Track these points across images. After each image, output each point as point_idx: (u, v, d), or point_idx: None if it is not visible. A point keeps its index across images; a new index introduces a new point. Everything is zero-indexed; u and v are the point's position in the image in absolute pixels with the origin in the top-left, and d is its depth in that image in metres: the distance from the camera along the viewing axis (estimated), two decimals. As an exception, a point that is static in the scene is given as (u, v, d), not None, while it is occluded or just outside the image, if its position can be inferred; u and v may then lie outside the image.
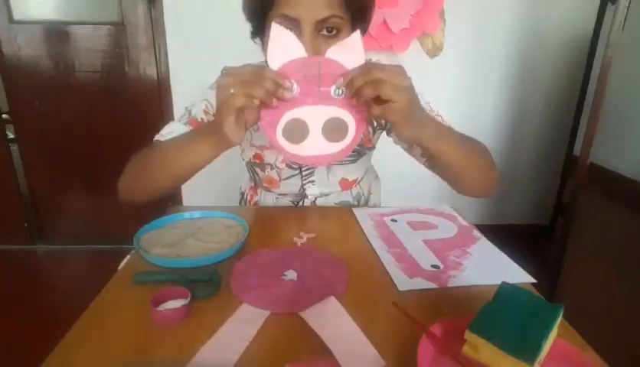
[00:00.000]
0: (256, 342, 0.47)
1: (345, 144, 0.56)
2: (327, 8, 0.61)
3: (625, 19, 1.42)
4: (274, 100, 0.52)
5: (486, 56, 1.95)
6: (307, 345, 0.46)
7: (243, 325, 0.49)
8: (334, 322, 0.49)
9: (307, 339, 0.47)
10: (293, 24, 0.62)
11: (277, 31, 0.53)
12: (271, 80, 0.50)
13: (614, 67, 1.45)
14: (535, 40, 1.95)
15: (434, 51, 1.82)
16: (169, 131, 0.77)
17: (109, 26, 1.83)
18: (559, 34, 1.95)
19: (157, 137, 0.78)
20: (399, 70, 0.51)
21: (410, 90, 0.51)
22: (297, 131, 0.54)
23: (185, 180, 0.70)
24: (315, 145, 0.55)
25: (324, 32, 0.63)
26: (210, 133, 0.59)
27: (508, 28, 1.92)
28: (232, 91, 0.50)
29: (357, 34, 0.54)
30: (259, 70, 0.51)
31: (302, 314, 0.51)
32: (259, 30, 0.68)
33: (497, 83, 2.01)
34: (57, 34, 1.83)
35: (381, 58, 1.81)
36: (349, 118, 0.55)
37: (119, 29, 1.84)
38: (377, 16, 1.67)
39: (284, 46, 0.53)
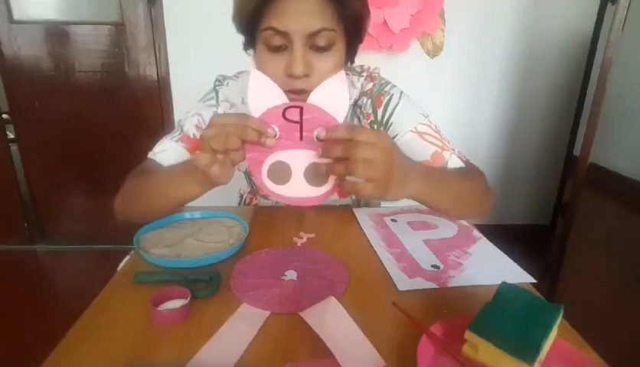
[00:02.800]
0: (256, 342, 0.47)
1: (325, 190, 0.57)
2: (318, 20, 0.59)
3: (625, 19, 1.42)
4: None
5: (486, 56, 1.95)
6: (307, 346, 0.46)
7: (243, 325, 0.49)
8: (334, 322, 0.49)
9: (307, 339, 0.47)
10: (283, 37, 0.60)
11: (257, 78, 0.54)
12: (253, 130, 0.51)
13: (614, 67, 1.45)
14: (535, 40, 1.95)
15: (434, 51, 1.82)
16: (162, 149, 0.76)
17: (109, 26, 1.84)
18: (559, 34, 1.95)
19: (150, 154, 0.76)
20: (379, 134, 0.50)
21: (391, 151, 0.50)
22: (281, 173, 0.56)
23: (175, 210, 0.71)
24: (298, 188, 0.56)
25: (317, 45, 0.61)
26: (198, 170, 0.58)
27: (508, 28, 1.92)
28: (214, 146, 0.51)
29: (342, 73, 0.54)
30: (243, 120, 0.51)
31: (302, 314, 0.51)
32: (251, 42, 0.67)
33: (497, 83, 2.01)
34: (57, 34, 1.83)
35: (381, 58, 1.82)
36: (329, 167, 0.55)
37: (119, 29, 1.84)
38: (377, 16, 1.67)
39: (264, 92, 0.54)
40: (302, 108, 0.54)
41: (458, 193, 0.67)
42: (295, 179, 0.56)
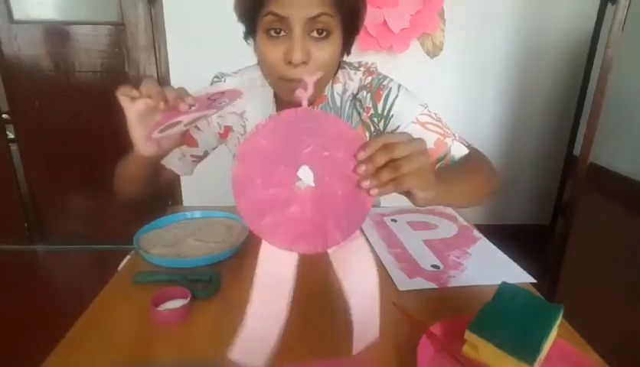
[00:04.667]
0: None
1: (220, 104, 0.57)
2: (317, 5, 0.60)
3: (625, 19, 1.42)
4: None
5: (486, 55, 1.95)
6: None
7: (275, 269, 0.43)
8: (357, 267, 0.44)
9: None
10: (283, 23, 0.61)
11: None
12: (175, 93, 0.54)
13: (614, 67, 1.45)
14: (535, 40, 1.95)
15: (434, 51, 1.82)
16: None
17: (109, 26, 1.83)
18: (559, 34, 1.95)
19: None
20: (418, 143, 0.46)
21: (426, 153, 0.47)
22: (172, 127, 0.57)
23: (145, 187, 0.74)
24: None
25: (315, 34, 0.63)
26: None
27: (508, 28, 1.92)
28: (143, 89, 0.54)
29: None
30: (164, 88, 0.55)
31: (330, 252, 0.43)
32: (251, 30, 0.68)
33: (497, 83, 2.01)
34: (57, 34, 1.83)
35: (381, 58, 1.81)
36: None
37: (119, 29, 1.84)
38: (377, 16, 1.67)
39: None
40: (224, 92, 0.56)
41: (470, 187, 0.66)
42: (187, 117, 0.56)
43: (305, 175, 0.44)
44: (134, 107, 0.55)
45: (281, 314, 0.41)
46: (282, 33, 0.62)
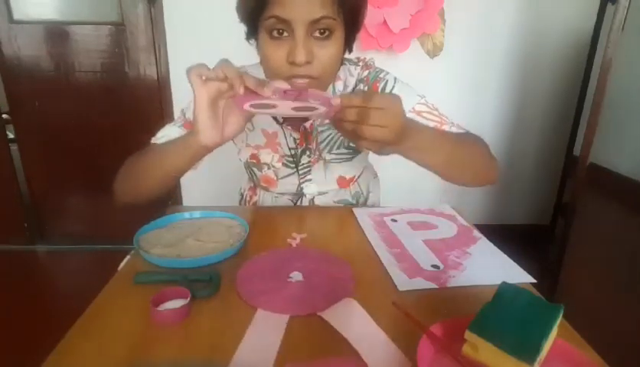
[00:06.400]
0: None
1: (312, 113, 0.55)
2: (320, 8, 0.61)
3: (625, 19, 1.42)
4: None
5: (486, 56, 1.95)
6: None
7: (266, 331, 0.49)
8: (358, 324, 0.50)
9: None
10: (286, 25, 0.62)
11: None
12: (255, 80, 0.53)
13: (614, 67, 1.45)
14: (535, 40, 1.95)
15: (434, 51, 1.82)
16: (164, 134, 0.78)
17: (109, 26, 1.83)
18: (559, 34, 1.95)
19: (153, 139, 0.79)
20: (390, 99, 0.52)
21: (402, 114, 0.53)
22: (265, 106, 0.55)
23: (169, 183, 0.71)
24: (283, 112, 0.56)
25: (317, 34, 0.63)
26: (189, 134, 0.60)
27: (508, 28, 1.92)
28: (219, 73, 0.52)
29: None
30: (242, 72, 0.53)
31: (323, 315, 0.51)
32: (253, 31, 0.68)
33: (497, 83, 2.01)
34: (57, 34, 1.83)
35: (381, 58, 1.81)
36: (318, 105, 0.54)
37: (119, 29, 1.84)
38: (377, 16, 1.67)
39: None
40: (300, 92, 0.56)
41: (453, 150, 0.66)
42: (281, 109, 0.55)
43: (296, 276, 0.60)
44: (206, 89, 0.53)
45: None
46: (285, 33, 0.63)
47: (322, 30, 0.63)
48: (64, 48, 1.84)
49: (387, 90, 0.78)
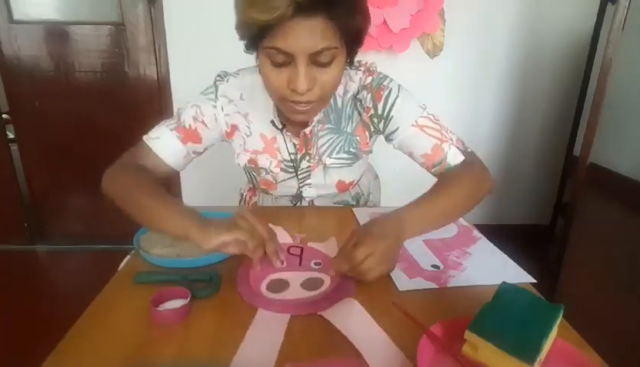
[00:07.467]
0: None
1: (320, 291, 0.58)
2: (321, 40, 0.60)
3: (625, 19, 1.42)
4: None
5: (486, 56, 1.95)
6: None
7: (266, 331, 0.49)
8: (359, 324, 0.50)
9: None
10: (287, 56, 0.61)
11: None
12: (273, 248, 0.61)
13: (614, 67, 1.45)
14: (535, 40, 1.94)
15: (434, 51, 1.82)
16: (156, 136, 0.77)
17: (109, 26, 1.83)
18: (559, 34, 1.95)
19: (145, 137, 0.78)
20: (372, 241, 0.56)
21: (387, 245, 0.57)
22: (279, 286, 0.59)
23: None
24: (294, 293, 0.58)
25: (319, 62, 0.63)
26: (193, 225, 0.58)
27: (508, 28, 1.92)
28: (240, 235, 0.57)
29: (333, 240, 0.71)
30: (272, 234, 0.62)
31: (324, 314, 0.51)
32: (253, 50, 0.67)
33: (497, 83, 2.01)
34: (57, 34, 1.83)
35: (381, 58, 1.81)
36: (325, 277, 0.61)
37: (119, 29, 1.84)
38: (377, 16, 1.67)
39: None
40: (302, 249, 0.68)
41: (454, 204, 0.69)
42: (292, 289, 0.58)
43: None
44: (238, 236, 0.57)
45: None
46: (286, 62, 0.63)
47: (324, 57, 0.63)
48: (64, 48, 1.84)
49: (391, 99, 0.77)
